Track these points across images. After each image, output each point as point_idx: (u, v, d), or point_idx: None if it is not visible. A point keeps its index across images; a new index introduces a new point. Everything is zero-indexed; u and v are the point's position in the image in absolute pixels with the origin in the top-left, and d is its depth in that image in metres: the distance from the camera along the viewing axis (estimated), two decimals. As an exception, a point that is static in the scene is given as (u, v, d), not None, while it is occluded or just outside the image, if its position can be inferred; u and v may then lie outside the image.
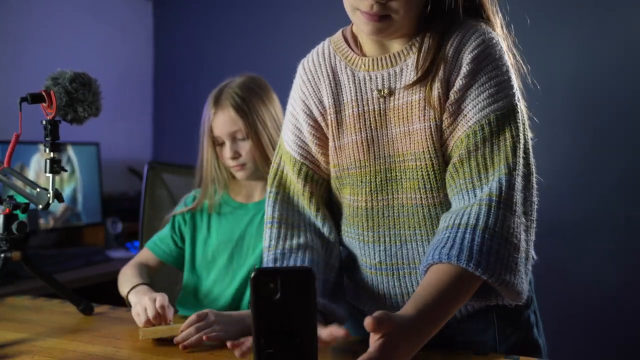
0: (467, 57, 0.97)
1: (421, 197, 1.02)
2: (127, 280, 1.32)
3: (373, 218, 1.07)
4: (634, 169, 2.35)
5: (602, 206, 2.41)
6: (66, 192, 2.61)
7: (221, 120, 1.32)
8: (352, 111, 1.05)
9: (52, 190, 1.14)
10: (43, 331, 1.20)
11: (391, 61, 1.02)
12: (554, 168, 2.48)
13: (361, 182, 1.07)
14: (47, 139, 1.13)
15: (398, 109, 1.02)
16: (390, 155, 1.04)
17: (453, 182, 0.97)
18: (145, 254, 1.46)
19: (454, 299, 0.88)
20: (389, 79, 1.02)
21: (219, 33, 3.31)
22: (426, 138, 0.99)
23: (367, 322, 0.76)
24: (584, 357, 2.45)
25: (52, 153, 1.14)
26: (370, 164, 1.05)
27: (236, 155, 1.32)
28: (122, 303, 1.36)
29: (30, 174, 2.43)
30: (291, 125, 1.14)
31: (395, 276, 1.08)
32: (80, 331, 1.21)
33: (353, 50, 1.07)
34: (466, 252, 0.87)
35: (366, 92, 1.04)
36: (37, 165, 2.47)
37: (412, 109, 1.00)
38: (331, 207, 1.15)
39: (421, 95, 0.99)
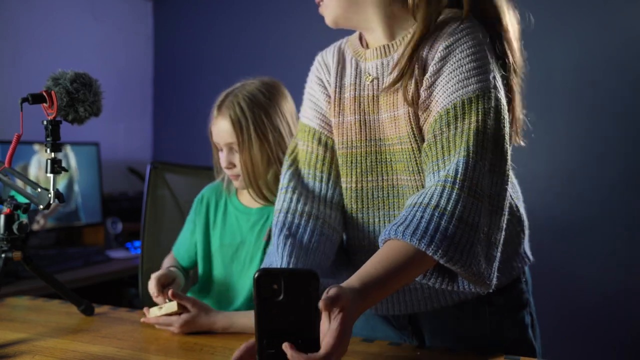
0: (441, 45, 1.00)
1: (408, 179, 1.06)
2: (163, 268, 1.40)
3: (362, 199, 1.12)
4: (634, 168, 2.35)
5: (602, 205, 2.41)
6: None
7: (218, 129, 1.30)
8: (350, 94, 1.12)
9: (53, 190, 1.14)
10: (44, 331, 1.20)
11: (384, 52, 1.09)
12: (553, 167, 2.48)
13: (352, 162, 1.12)
14: (48, 139, 1.13)
15: (386, 96, 1.07)
16: (380, 138, 1.09)
17: (424, 164, 1.00)
18: (171, 257, 1.51)
19: (400, 275, 0.89)
20: (381, 67, 1.09)
21: (219, 33, 3.31)
22: (407, 122, 1.03)
23: (322, 304, 0.78)
24: (585, 358, 2.46)
25: (52, 153, 1.13)
26: (361, 145, 1.11)
27: (230, 165, 1.31)
28: (123, 303, 1.36)
29: (31, 174, 2.43)
30: (309, 102, 1.20)
31: None
32: (81, 331, 1.21)
33: (362, 45, 1.15)
34: (416, 229, 0.88)
35: (363, 79, 1.12)
36: (37, 165, 2.48)
37: (397, 95, 1.05)
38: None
39: (402, 83, 1.03)
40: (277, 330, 0.77)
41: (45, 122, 1.13)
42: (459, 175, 0.92)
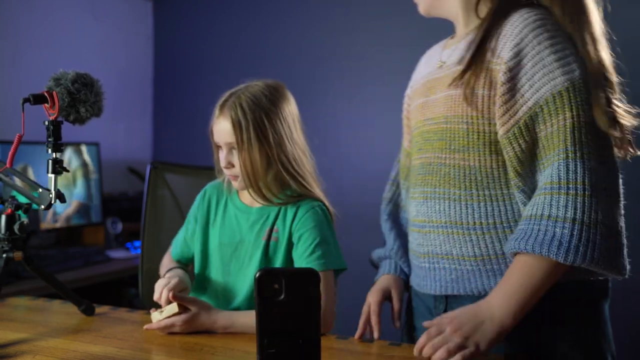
0: (514, 35, 1.02)
1: (446, 157, 1.11)
2: (164, 266, 1.43)
3: (413, 176, 1.23)
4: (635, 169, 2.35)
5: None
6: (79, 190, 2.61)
7: (219, 129, 1.29)
8: (423, 78, 1.23)
9: (54, 190, 1.14)
10: (44, 331, 1.20)
11: (458, 39, 1.18)
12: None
13: (415, 142, 1.23)
14: (49, 139, 1.13)
15: (445, 77, 1.13)
16: (430, 117, 1.16)
17: (525, 162, 1.04)
18: (168, 255, 1.50)
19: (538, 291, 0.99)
20: (450, 54, 1.17)
21: (219, 33, 3.31)
22: (461, 102, 1.07)
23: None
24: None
25: (54, 153, 1.14)
26: (419, 126, 1.20)
27: (229, 165, 1.30)
28: (123, 303, 1.36)
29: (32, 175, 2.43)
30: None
31: (421, 233, 1.18)
32: (81, 331, 1.21)
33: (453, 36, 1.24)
34: (535, 241, 0.96)
35: (433, 65, 1.22)
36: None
37: (452, 74, 1.10)
38: None
39: (465, 64, 1.07)
40: (278, 329, 0.77)
41: (46, 123, 1.13)
42: (562, 180, 0.95)
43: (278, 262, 1.29)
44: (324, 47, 3.02)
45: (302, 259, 1.25)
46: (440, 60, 1.19)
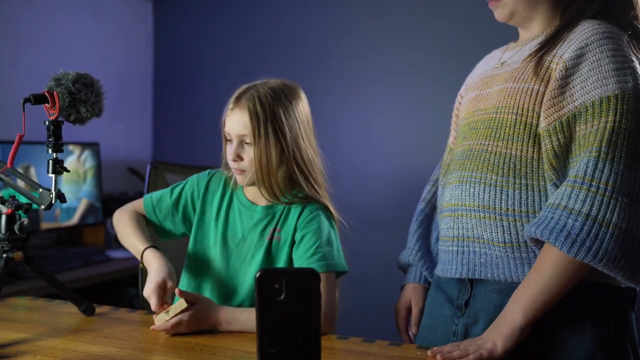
0: (578, 43, 1.07)
1: (489, 144, 1.15)
2: (129, 234, 1.36)
3: (452, 164, 1.25)
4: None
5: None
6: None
7: (234, 120, 1.27)
8: (479, 76, 1.28)
9: (55, 190, 1.14)
10: (44, 331, 1.20)
11: (523, 43, 1.21)
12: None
13: (459, 132, 1.27)
14: (49, 139, 1.13)
15: (504, 73, 1.18)
16: (481, 108, 1.20)
17: (558, 158, 1.07)
18: (140, 208, 1.43)
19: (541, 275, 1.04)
20: (513, 54, 1.21)
21: (219, 33, 3.31)
22: (514, 94, 1.12)
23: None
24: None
25: (54, 154, 1.14)
26: (466, 117, 1.24)
27: (238, 158, 1.27)
28: (123, 303, 1.36)
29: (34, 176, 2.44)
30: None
31: (452, 217, 1.20)
32: (81, 331, 1.21)
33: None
34: (546, 228, 1.00)
35: (492, 64, 1.27)
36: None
37: (512, 71, 1.16)
38: None
39: (527, 62, 1.13)
40: (278, 329, 0.77)
41: (47, 123, 1.13)
42: (587, 176, 0.98)
43: (280, 262, 1.29)
44: (324, 47, 3.02)
45: (303, 259, 1.25)
46: (500, 61, 1.23)
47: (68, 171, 1.16)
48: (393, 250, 1.59)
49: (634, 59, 1.07)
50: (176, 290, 1.19)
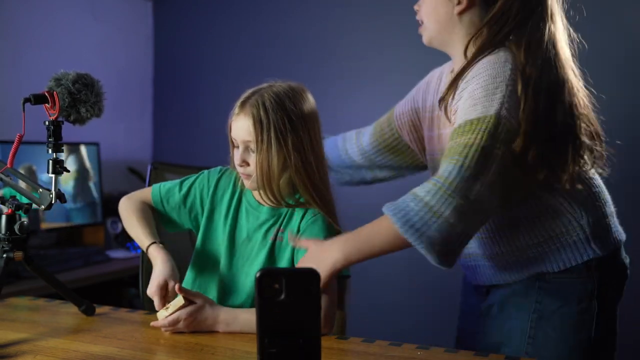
0: (469, 75, 1.23)
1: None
2: (135, 225, 1.36)
3: None
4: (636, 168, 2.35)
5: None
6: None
7: (239, 126, 1.28)
8: (427, 113, 1.47)
9: (55, 190, 1.14)
10: (45, 331, 1.20)
11: (449, 73, 1.38)
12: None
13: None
14: (49, 139, 1.13)
15: (438, 117, 1.37)
16: (437, 149, 1.38)
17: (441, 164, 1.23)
18: (147, 197, 1.42)
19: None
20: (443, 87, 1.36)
21: (219, 33, 3.31)
22: (445, 141, 1.27)
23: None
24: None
25: (54, 154, 1.14)
26: (430, 153, 1.44)
27: (244, 163, 1.29)
28: (123, 303, 1.36)
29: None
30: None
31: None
32: (82, 331, 1.21)
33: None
34: (396, 208, 1.15)
35: (432, 93, 1.45)
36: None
37: (440, 117, 1.36)
38: None
39: (442, 106, 1.31)
40: (278, 329, 0.77)
41: (47, 123, 1.13)
42: (441, 175, 1.14)
43: (282, 263, 1.29)
44: (324, 47, 3.02)
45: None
46: (438, 95, 1.36)
47: (68, 171, 1.16)
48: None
49: (520, 80, 1.19)
50: (176, 287, 1.19)
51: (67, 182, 2.64)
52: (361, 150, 1.67)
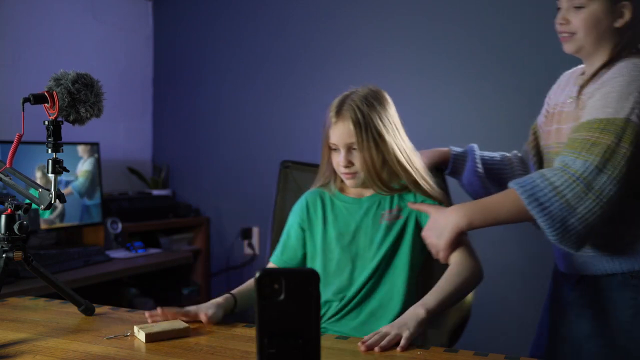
0: (606, 76, 1.33)
1: None
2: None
3: None
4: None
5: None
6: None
7: (339, 131, 1.40)
8: (557, 107, 1.49)
9: (54, 190, 1.14)
10: (44, 331, 1.20)
11: (584, 79, 1.43)
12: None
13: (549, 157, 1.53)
14: (49, 139, 1.13)
15: (569, 113, 1.43)
16: (561, 142, 1.42)
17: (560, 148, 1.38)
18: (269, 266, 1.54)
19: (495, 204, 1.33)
20: (577, 91, 1.43)
21: (219, 33, 3.31)
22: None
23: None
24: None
25: (54, 153, 1.14)
26: (553, 145, 1.50)
27: (349, 164, 1.41)
28: (123, 303, 1.36)
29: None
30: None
31: None
32: (81, 331, 1.21)
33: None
34: (524, 184, 1.26)
35: (566, 97, 1.48)
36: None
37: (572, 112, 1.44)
38: None
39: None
40: (278, 329, 0.77)
41: (46, 123, 1.13)
42: (565, 163, 1.23)
43: (407, 239, 1.42)
44: (324, 47, 3.02)
45: None
46: (571, 96, 1.44)
47: (67, 171, 1.15)
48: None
49: None
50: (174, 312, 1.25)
51: (86, 177, 2.72)
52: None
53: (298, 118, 3.05)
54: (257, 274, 0.77)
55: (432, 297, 1.23)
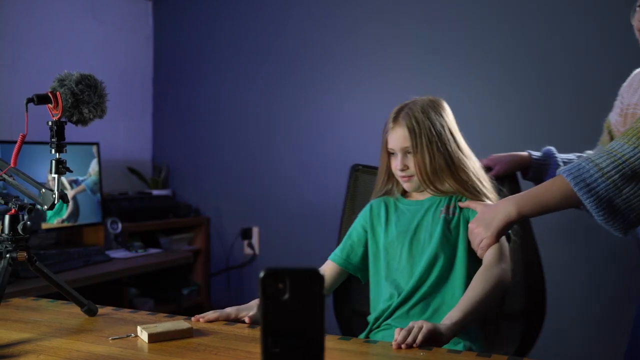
0: None
1: None
2: None
3: None
4: None
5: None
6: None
7: (395, 136, 1.51)
8: (629, 107, 1.52)
9: (58, 190, 1.14)
10: (47, 331, 1.21)
11: None
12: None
13: None
14: (52, 139, 1.13)
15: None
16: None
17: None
18: (326, 265, 1.59)
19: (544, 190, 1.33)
20: None
21: (219, 33, 3.32)
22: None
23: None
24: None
25: (57, 154, 1.14)
26: None
27: (404, 167, 1.50)
28: (123, 303, 1.36)
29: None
30: None
31: None
32: (84, 331, 1.21)
33: None
34: (571, 169, 1.26)
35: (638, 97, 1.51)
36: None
37: None
38: None
39: None
40: (282, 329, 0.77)
41: (50, 123, 1.14)
42: (617, 149, 1.23)
43: (461, 235, 1.47)
44: (324, 47, 3.02)
45: None
46: (637, 90, 1.46)
47: (71, 171, 1.16)
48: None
49: None
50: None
51: (97, 175, 2.76)
52: None
53: (298, 118, 3.05)
54: (262, 273, 0.77)
55: (456, 310, 1.27)
